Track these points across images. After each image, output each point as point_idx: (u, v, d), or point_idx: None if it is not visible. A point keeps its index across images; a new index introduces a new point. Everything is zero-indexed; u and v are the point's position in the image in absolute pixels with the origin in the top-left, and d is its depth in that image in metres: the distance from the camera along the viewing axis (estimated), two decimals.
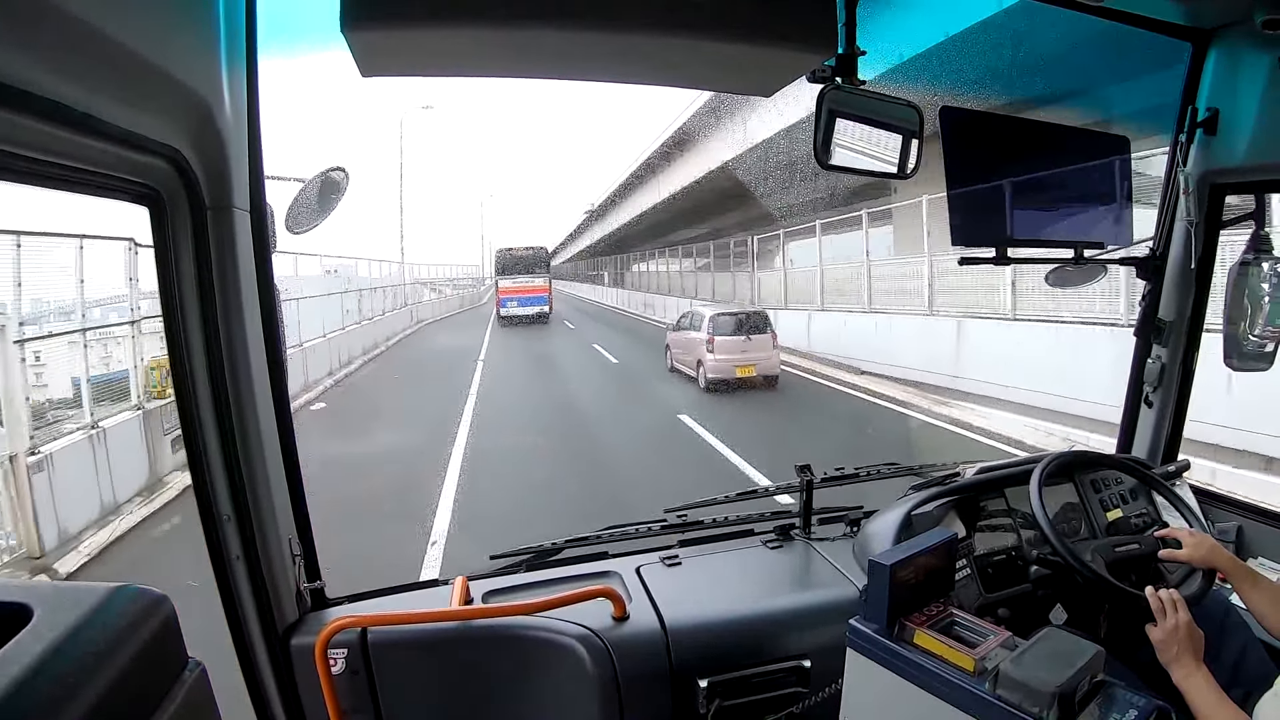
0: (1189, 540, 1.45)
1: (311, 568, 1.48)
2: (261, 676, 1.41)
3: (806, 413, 9.86)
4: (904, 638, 1.18)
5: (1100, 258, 1.85)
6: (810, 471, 1.84)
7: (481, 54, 1.08)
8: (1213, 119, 1.68)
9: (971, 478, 1.73)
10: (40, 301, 6.22)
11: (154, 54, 0.93)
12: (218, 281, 1.22)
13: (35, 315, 6.11)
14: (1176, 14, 1.61)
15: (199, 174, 1.13)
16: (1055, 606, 1.57)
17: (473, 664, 1.45)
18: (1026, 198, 1.68)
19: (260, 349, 1.31)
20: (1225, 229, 1.82)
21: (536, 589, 1.58)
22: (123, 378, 6.80)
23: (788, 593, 1.65)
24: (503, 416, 9.57)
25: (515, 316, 24.68)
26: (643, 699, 1.40)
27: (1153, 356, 1.95)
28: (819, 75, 1.26)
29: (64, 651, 0.68)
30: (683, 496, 1.93)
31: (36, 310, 6.17)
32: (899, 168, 1.38)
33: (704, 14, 0.98)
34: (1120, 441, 2.07)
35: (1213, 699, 1.17)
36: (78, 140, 0.86)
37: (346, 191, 1.51)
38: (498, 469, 7.04)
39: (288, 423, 1.40)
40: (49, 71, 0.78)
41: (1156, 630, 1.27)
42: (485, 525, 5.34)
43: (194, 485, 1.31)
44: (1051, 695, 1.02)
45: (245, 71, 1.20)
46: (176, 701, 0.78)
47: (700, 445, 7.74)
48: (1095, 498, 1.68)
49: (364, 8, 0.92)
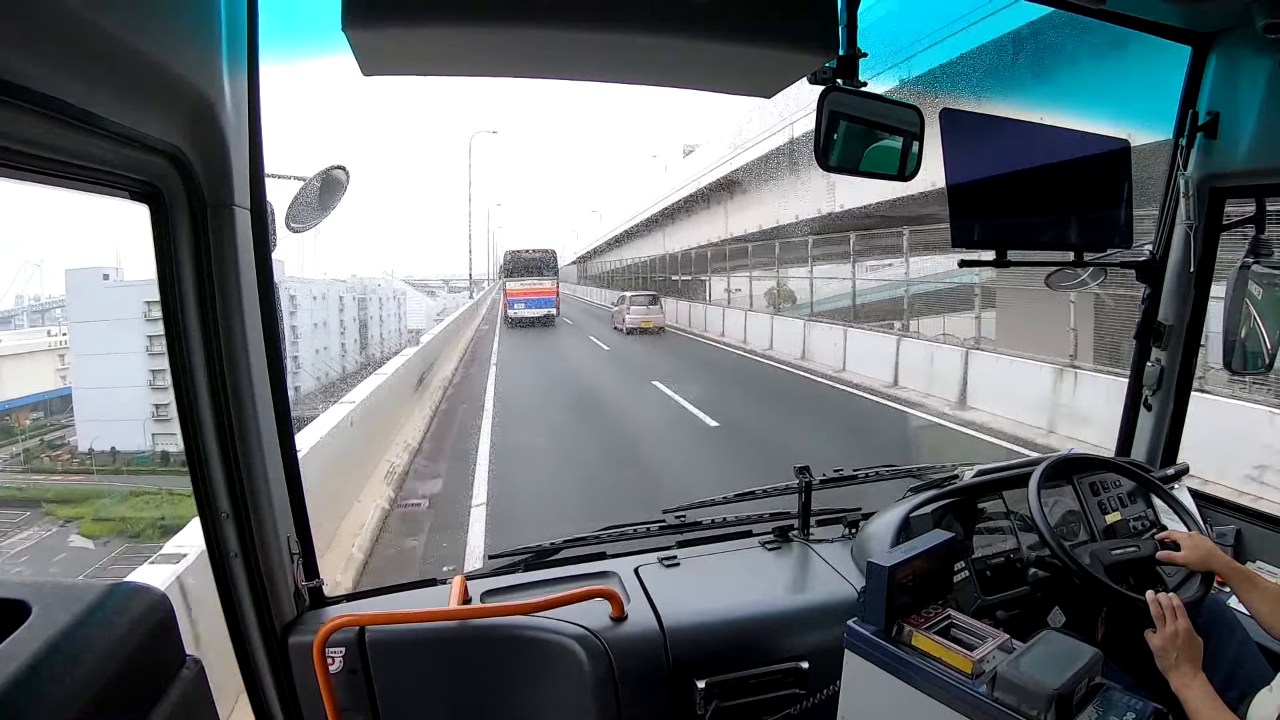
0: (1187, 543, 1.45)
1: (310, 566, 1.47)
2: (259, 675, 1.41)
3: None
4: (902, 640, 1.18)
5: (1100, 260, 1.86)
6: (809, 473, 1.84)
7: (482, 54, 1.08)
8: (1213, 122, 1.68)
9: (970, 480, 1.73)
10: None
11: (155, 51, 0.93)
12: (217, 279, 1.22)
13: None
14: (1177, 17, 1.61)
15: (199, 171, 1.13)
16: (1053, 609, 1.57)
17: (471, 664, 1.45)
18: (1027, 200, 1.68)
19: (260, 347, 1.30)
20: (1225, 232, 1.82)
21: (535, 589, 1.58)
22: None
23: (786, 594, 1.66)
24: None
25: (523, 318, 25.04)
26: (640, 699, 1.40)
27: (1152, 360, 1.95)
28: (820, 77, 1.26)
29: (61, 648, 0.68)
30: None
31: None
32: (899, 170, 1.39)
33: (705, 15, 0.98)
34: (1119, 444, 2.07)
35: (1210, 706, 1.17)
36: (78, 137, 0.86)
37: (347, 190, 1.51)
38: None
39: (287, 421, 1.39)
40: (50, 68, 0.78)
41: (1156, 636, 1.27)
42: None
43: (192, 482, 1.31)
44: (1049, 698, 1.02)
45: (246, 69, 1.20)
46: (173, 699, 0.78)
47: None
48: (1094, 500, 1.68)
49: (365, 7, 0.92)
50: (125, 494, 23.88)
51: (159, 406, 27.52)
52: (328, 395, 17.72)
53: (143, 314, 26.92)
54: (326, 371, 30.85)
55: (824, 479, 1.90)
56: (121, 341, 26.23)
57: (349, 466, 5.96)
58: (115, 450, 26.99)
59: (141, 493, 23.83)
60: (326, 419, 5.76)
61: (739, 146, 19.17)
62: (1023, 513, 1.63)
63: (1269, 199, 1.74)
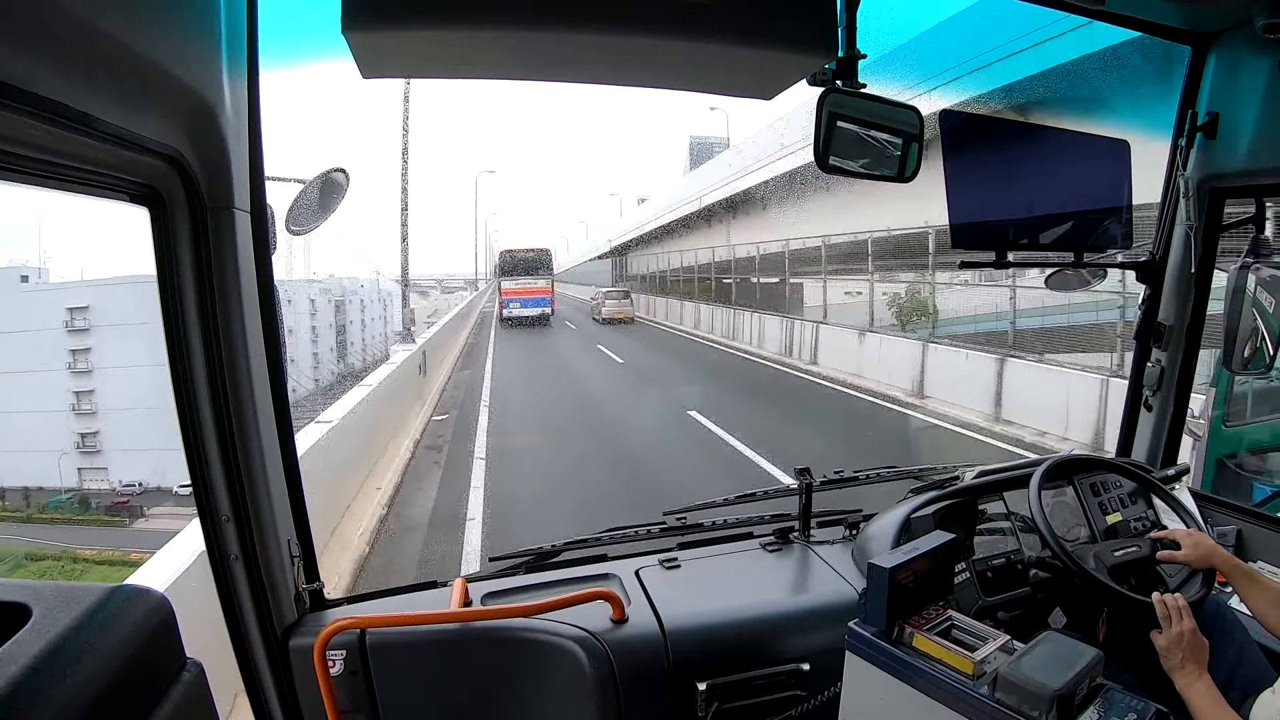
0: (1187, 541, 1.45)
1: (310, 568, 1.47)
2: (260, 677, 1.41)
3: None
4: (903, 641, 1.18)
5: (1100, 261, 1.86)
6: (810, 475, 1.84)
7: (482, 56, 1.08)
8: (1212, 123, 1.68)
9: (970, 481, 1.73)
10: None
11: (155, 53, 0.93)
12: (217, 282, 1.22)
13: None
14: (1177, 17, 1.62)
15: (199, 174, 1.13)
16: (1054, 610, 1.57)
17: (471, 666, 1.45)
18: (1026, 201, 1.69)
19: (260, 349, 1.30)
20: (1225, 233, 1.82)
21: (535, 591, 1.58)
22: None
23: (787, 596, 1.65)
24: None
25: (517, 318, 25.28)
26: (641, 701, 1.40)
27: (1152, 360, 1.95)
28: (819, 79, 1.27)
29: (61, 651, 0.68)
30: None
31: None
32: (899, 171, 1.39)
33: (704, 17, 0.98)
34: (1120, 445, 2.07)
35: (1214, 706, 1.17)
36: (78, 140, 0.86)
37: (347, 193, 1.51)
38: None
39: (288, 424, 1.39)
40: (49, 70, 0.78)
41: (1162, 637, 1.27)
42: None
43: (193, 485, 1.31)
44: (1050, 699, 1.02)
45: (246, 72, 1.20)
46: (174, 701, 0.78)
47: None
48: (1095, 501, 1.67)
49: (365, 9, 0.92)
50: (19, 559, 18.52)
51: (85, 436, 23.32)
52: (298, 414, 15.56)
53: (64, 324, 23.31)
54: (294, 388, 29.02)
55: (824, 480, 1.90)
56: (41, 356, 22.59)
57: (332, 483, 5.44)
58: (28, 490, 22.29)
59: (40, 557, 18.39)
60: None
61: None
62: (1023, 514, 1.62)
63: (1269, 199, 1.74)
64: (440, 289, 55.79)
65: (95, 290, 23.88)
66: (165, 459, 21.13)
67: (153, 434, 20.87)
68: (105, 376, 23.91)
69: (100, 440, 24.08)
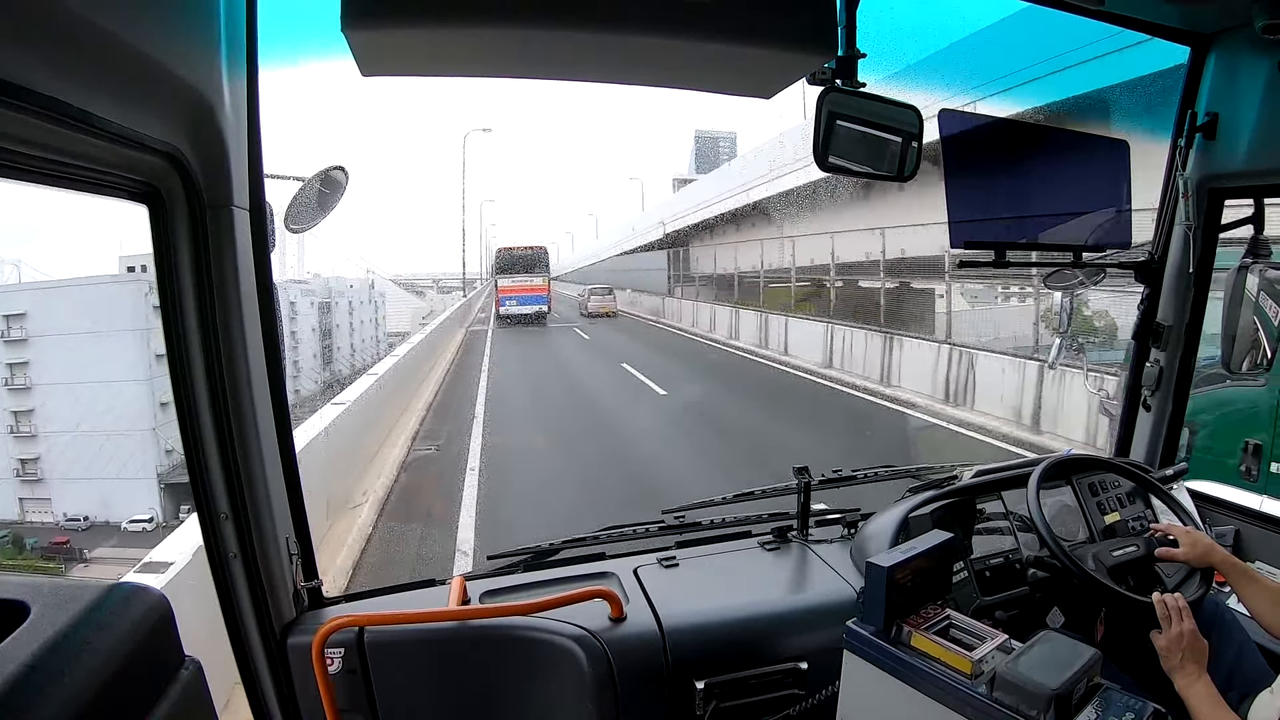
0: (1185, 539, 1.45)
1: (309, 567, 1.47)
2: (258, 675, 1.41)
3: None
4: (901, 640, 1.18)
5: (1099, 261, 1.86)
6: (808, 474, 1.84)
7: (481, 54, 1.08)
8: (1212, 123, 1.69)
9: (969, 480, 1.74)
10: None
11: (154, 52, 0.93)
12: (216, 279, 1.22)
13: None
14: (1177, 17, 1.62)
15: (198, 172, 1.13)
16: (1052, 609, 1.57)
17: (470, 664, 1.45)
18: (1025, 201, 1.69)
19: (259, 347, 1.30)
20: (1224, 233, 1.83)
21: (534, 589, 1.58)
22: None
23: (785, 595, 1.65)
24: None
25: (514, 315, 25.29)
26: (639, 700, 1.40)
27: (1151, 360, 1.95)
28: (819, 78, 1.26)
29: (60, 649, 0.68)
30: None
31: None
32: (898, 170, 1.39)
33: (704, 16, 0.98)
34: (1118, 445, 2.07)
35: (1213, 707, 1.17)
36: (77, 137, 0.86)
37: (346, 190, 1.51)
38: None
39: (286, 422, 1.39)
40: (49, 68, 0.78)
41: (1161, 637, 1.27)
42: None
43: (191, 483, 1.31)
44: (1048, 698, 1.02)
45: (245, 70, 1.20)
46: (172, 699, 0.78)
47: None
48: (1093, 501, 1.68)
49: (364, 7, 0.92)
50: None
51: (25, 462, 20.42)
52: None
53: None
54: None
55: (823, 479, 1.90)
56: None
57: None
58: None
59: None
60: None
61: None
62: (1022, 513, 1.63)
63: (1268, 199, 1.74)
64: (437, 288, 55.39)
65: (35, 295, 21.26)
66: (115, 490, 19.70)
67: (102, 461, 19.24)
68: (46, 394, 21.53)
69: (41, 467, 21.47)
